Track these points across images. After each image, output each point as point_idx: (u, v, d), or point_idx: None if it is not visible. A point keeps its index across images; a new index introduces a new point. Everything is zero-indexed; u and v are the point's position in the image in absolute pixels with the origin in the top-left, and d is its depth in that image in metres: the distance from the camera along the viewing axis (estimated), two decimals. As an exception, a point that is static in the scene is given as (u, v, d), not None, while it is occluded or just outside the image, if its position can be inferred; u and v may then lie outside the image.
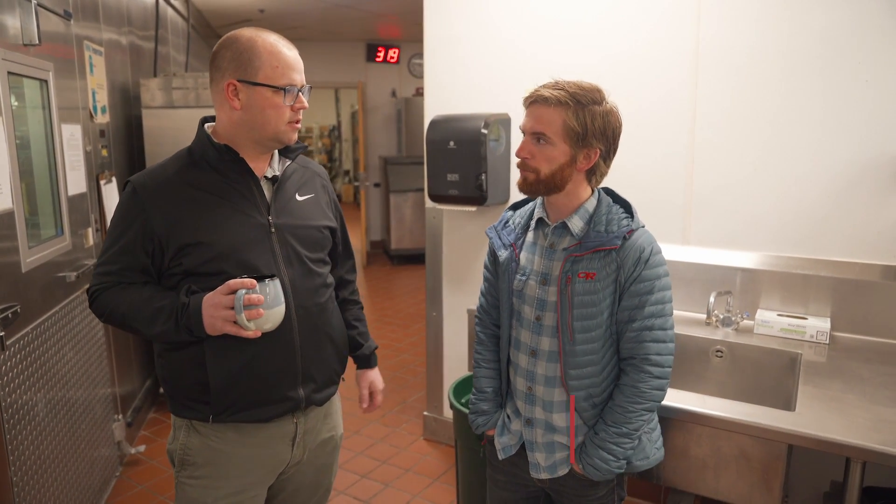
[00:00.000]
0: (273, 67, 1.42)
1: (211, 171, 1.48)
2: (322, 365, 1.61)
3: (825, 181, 2.31)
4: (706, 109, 2.47)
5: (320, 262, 1.62)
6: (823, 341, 2.21)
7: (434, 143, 2.87)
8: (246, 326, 1.37)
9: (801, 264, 2.37)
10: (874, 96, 2.20)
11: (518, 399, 1.65)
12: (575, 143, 1.46)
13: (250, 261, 1.45)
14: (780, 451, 1.69)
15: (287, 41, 1.48)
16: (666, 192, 2.56)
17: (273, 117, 1.44)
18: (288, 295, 1.48)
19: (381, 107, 8.17)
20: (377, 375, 1.87)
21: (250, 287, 1.36)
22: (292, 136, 1.51)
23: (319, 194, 1.65)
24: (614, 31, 2.61)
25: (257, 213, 1.49)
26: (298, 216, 1.56)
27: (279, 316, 1.42)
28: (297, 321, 1.52)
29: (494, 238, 1.65)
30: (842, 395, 1.82)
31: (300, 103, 1.48)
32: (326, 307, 1.62)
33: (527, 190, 1.52)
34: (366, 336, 1.85)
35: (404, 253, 7.72)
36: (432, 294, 3.31)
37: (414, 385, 4.17)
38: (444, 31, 3.01)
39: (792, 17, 2.29)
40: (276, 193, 1.54)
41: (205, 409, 1.49)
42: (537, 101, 1.48)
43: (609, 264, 1.48)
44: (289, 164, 1.59)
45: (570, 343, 1.51)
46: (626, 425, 1.52)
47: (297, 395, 1.55)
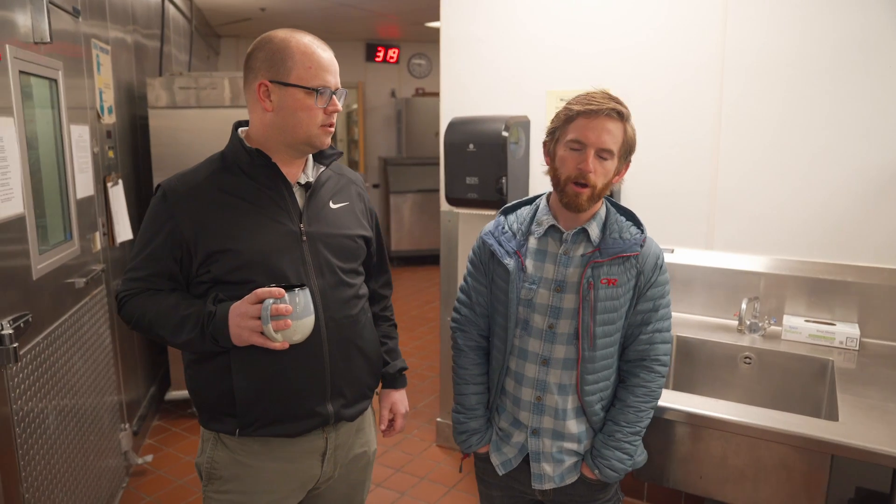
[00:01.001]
0: (306, 68, 1.38)
1: (243, 176, 1.44)
2: (353, 379, 1.55)
3: (852, 186, 2.28)
4: (731, 113, 2.43)
5: (353, 272, 1.56)
6: (854, 348, 2.18)
7: (453, 145, 2.82)
8: (273, 338, 1.32)
9: (828, 269, 2.34)
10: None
11: (522, 410, 1.60)
12: (622, 158, 1.50)
13: (280, 270, 1.41)
14: (824, 461, 1.66)
15: (322, 42, 1.44)
16: (690, 197, 2.53)
17: (305, 120, 1.40)
18: (318, 306, 1.42)
19: (380, 107, 8.12)
20: (402, 397, 1.77)
21: (278, 297, 1.31)
22: (325, 140, 1.45)
23: (354, 202, 1.60)
24: (638, 34, 2.58)
25: (289, 220, 1.45)
26: (331, 224, 1.51)
27: (308, 327, 1.36)
28: (326, 333, 1.46)
29: (496, 246, 1.58)
30: (882, 404, 1.78)
31: (333, 106, 1.42)
32: (358, 319, 1.56)
33: (578, 206, 1.47)
34: (394, 354, 1.76)
35: (405, 254, 7.67)
36: (447, 299, 3.26)
37: (423, 390, 4.11)
38: (460, 31, 2.96)
39: (821, 20, 2.26)
40: (309, 200, 1.49)
41: (231, 422, 1.45)
42: (609, 115, 1.43)
43: (629, 270, 1.51)
44: (323, 170, 1.54)
45: (589, 350, 1.52)
46: (639, 424, 1.56)
47: (326, 411, 1.49)
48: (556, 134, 1.51)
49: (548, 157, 1.56)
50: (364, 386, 1.59)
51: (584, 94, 1.48)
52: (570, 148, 1.46)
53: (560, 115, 1.50)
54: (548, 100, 2.80)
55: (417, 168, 7.53)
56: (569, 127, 1.46)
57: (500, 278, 1.58)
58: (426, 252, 7.64)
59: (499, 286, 1.59)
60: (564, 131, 1.48)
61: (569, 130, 1.46)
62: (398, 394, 1.77)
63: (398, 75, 8.12)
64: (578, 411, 1.57)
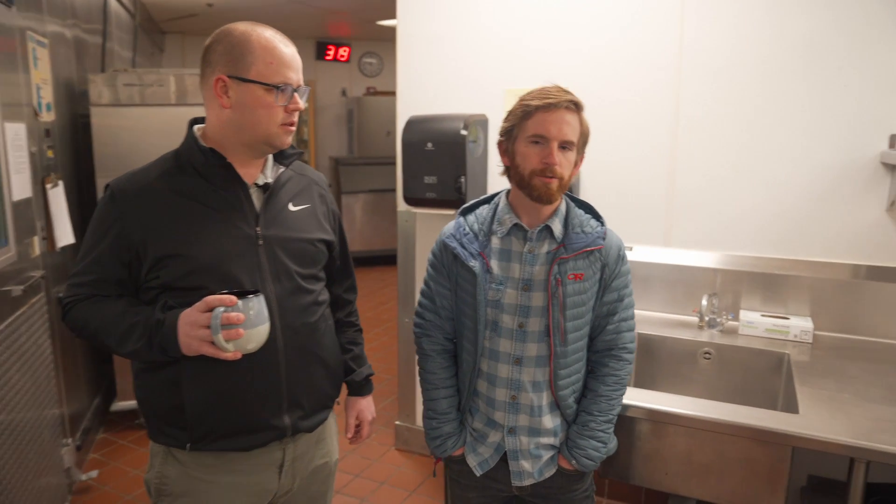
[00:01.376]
0: (267, 64, 1.31)
1: (197, 176, 1.37)
2: (311, 389, 1.49)
3: (805, 183, 2.34)
4: (688, 111, 2.47)
5: (312, 278, 1.50)
6: (807, 340, 2.23)
7: (410, 144, 2.78)
8: (224, 347, 1.25)
9: (781, 265, 2.40)
10: (853, 101, 2.24)
11: (497, 410, 1.59)
12: (580, 149, 1.51)
13: (234, 275, 1.34)
14: (785, 454, 1.69)
15: (285, 37, 1.38)
16: (648, 194, 2.55)
17: (264, 118, 1.33)
18: (274, 313, 1.36)
19: (331, 106, 8.00)
20: (369, 404, 1.74)
21: (230, 304, 1.24)
22: (286, 140, 1.39)
23: (316, 204, 1.54)
24: (596, 33, 2.58)
25: (244, 223, 1.38)
26: (290, 228, 1.45)
27: (263, 336, 1.30)
28: (283, 342, 1.40)
29: (458, 248, 1.55)
30: (838, 395, 1.83)
31: (295, 104, 1.36)
32: (318, 327, 1.50)
33: (549, 196, 1.46)
34: (360, 361, 1.72)
35: (357, 255, 7.53)
36: (404, 300, 3.21)
37: (380, 392, 4.05)
38: (417, 28, 2.92)
39: (774, 21, 2.31)
40: (266, 202, 1.43)
41: (182, 435, 1.38)
42: (568, 107, 1.44)
43: (594, 263, 1.52)
44: (283, 170, 1.48)
45: (561, 345, 1.52)
46: (611, 412, 1.59)
47: (283, 423, 1.43)
48: (513, 132, 1.50)
49: (505, 157, 1.54)
50: (324, 396, 1.54)
51: (538, 90, 1.48)
52: (531, 143, 1.45)
53: (516, 111, 1.49)
54: (506, 98, 2.78)
55: (369, 168, 7.44)
56: (527, 123, 1.45)
57: (465, 281, 1.56)
58: (379, 253, 7.56)
59: (464, 289, 1.56)
60: (523, 127, 1.47)
61: (528, 126, 1.45)
62: (365, 401, 1.73)
63: (349, 74, 8.02)
64: (552, 406, 1.58)
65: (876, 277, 2.29)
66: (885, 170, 2.24)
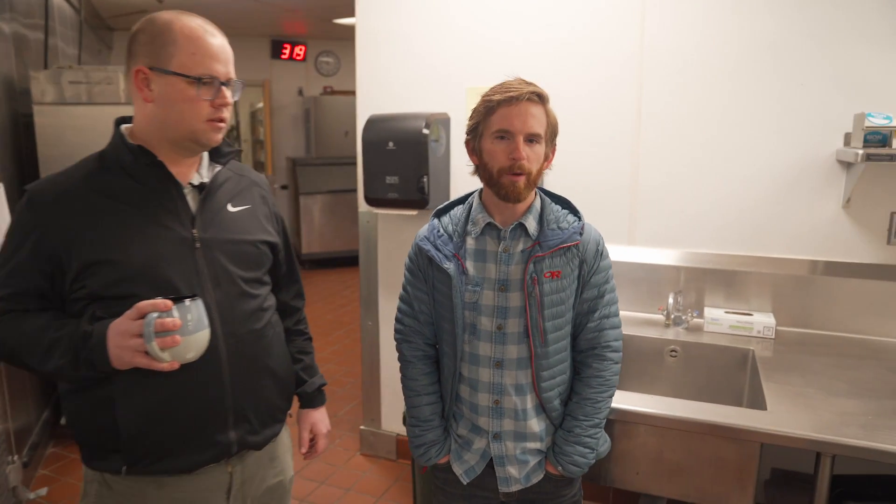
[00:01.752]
0: (190, 55, 1.23)
1: (125, 177, 1.28)
2: (260, 402, 1.40)
3: (765, 181, 2.37)
4: (650, 110, 2.47)
5: (256, 282, 1.41)
6: (770, 336, 2.26)
7: (371, 143, 2.72)
8: (159, 357, 1.16)
9: (743, 262, 2.42)
10: (810, 100, 2.28)
11: (480, 415, 1.54)
12: (549, 141, 1.46)
13: (169, 281, 1.25)
14: (754, 450, 1.69)
15: (213, 27, 1.30)
16: (612, 193, 2.55)
17: (187, 113, 1.25)
18: (215, 321, 1.28)
19: (287, 106, 7.85)
20: (322, 417, 1.66)
21: (164, 309, 1.15)
22: (214, 137, 1.30)
23: (257, 205, 1.46)
24: (558, 31, 2.57)
25: (179, 225, 1.30)
26: (230, 229, 1.37)
27: (203, 343, 1.21)
28: (226, 351, 1.31)
29: (433, 250, 1.50)
30: (804, 390, 1.85)
31: (222, 99, 1.27)
32: (264, 334, 1.42)
33: (517, 195, 1.42)
34: (312, 371, 1.64)
35: (316, 257, 7.46)
36: (367, 303, 3.15)
37: (343, 397, 3.98)
38: (377, 25, 2.86)
39: (734, 21, 2.33)
40: (203, 203, 1.34)
41: (116, 458, 1.28)
42: (531, 99, 1.39)
43: (571, 260, 1.48)
44: (219, 169, 1.39)
45: (542, 346, 1.48)
46: (597, 415, 1.55)
47: (227, 439, 1.34)
48: (478, 129, 1.46)
49: (473, 156, 1.50)
50: (274, 409, 1.46)
51: (500, 84, 1.44)
52: (497, 139, 1.41)
53: (479, 108, 1.45)
54: (468, 96, 2.75)
55: (327, 168, 7.33)
56: (491, 119, 1.42)
57: (441, 284, 1.51)
58: (338, 254, 7.46)
59: (441, 292, 1.52)
60: (487, 124, 1.43)
61: (492, 122, 1.42)
62: (318, 413, 1.65)
63: (305, 73, 7.88)
64: (538, 409, 1.53)
65: (833, 273, 2.33)
66: (841, 167, 2.28)
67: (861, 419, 1.68)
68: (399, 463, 3.18)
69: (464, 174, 2.82)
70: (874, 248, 2.29)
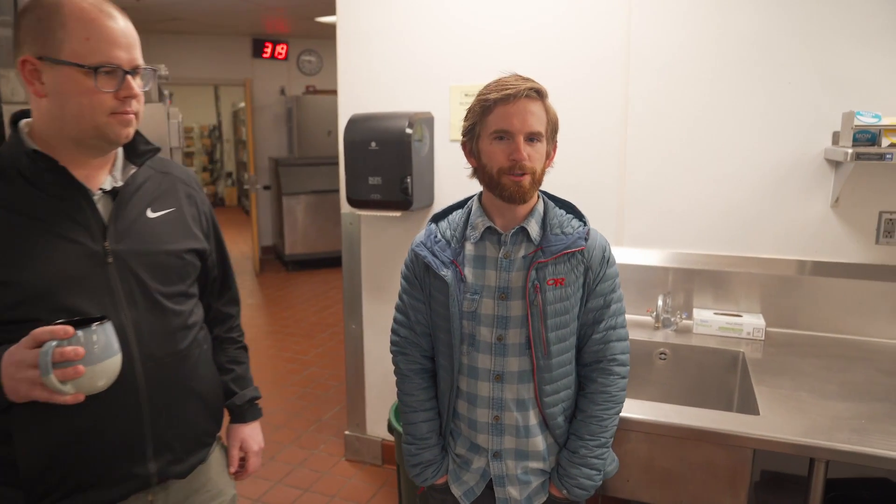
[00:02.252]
0: (83, 40, 1.08)
1: (23, 184, 1.13)
2: (184, 429, 1.29)
3: (753, 180, 2.34)
4: (637, 108, 2.43)
5: (180, 296, 1.28)
6: (760, 338, 2.23)
7: (353, 143, 2.66)
8: (59, 389, 1.01)
9: (732, 262, 2.39)
10: (797, 99, 2.25)
11: (480, 433, 1.47)
12: (550, 138, 1.40)
13: (74, 303, 1.12)
14: (747, 455, 1.66)
15: (113, 7, 1.14)
16: (599, 193, 2.51)
17: (87, 106, 1.11)
18: (131, 344, 1.16)
19: (269, 105, 7.74)
20: (254, 432, 1.51)
21: (64, 336, 1.01)
22: (122, 131, 1.16)
23: (183, 207, 1.32)
24: (543, 28, 2.52)
25: (88, 237, 1.16)
26: (149, 239, 1.23)
27: (112, 371, 1.07)
28: (144, 376, 1.19)
29: (429, 257, 1.43)
30: (795, 394, 1.82)
31: (128, 90, 1.13)
32: (189, 355, 1.29)
33: (521, 195, 1.35)
34: (243, 382, 1.50)
35: (299, 258, 7.37)
36: (350, 305, 3.09)
37: (328, 401, 3.91)
38: (359, 24, 2.80)
39: (720, 19, 2.29)
40: (116, 210, 1.20)
41: (17, 496, 1.15)
42: (529, 96, 1.32)
43: (576, 267, 1.40)
44: (136, 170, 1.25)
45: (544, 358, 1.40)
46: (603, 434, 1.47)
47: (146, 471, 1.23)
48: (475, 129, 1.39)
49: (471, 158, 1.43)
50: (201, 433, 1.35)
51: (495, 82, 1.37)
52: (495, 139, 1.34)
53: (475, 108, 1.38)
54: (451, 95, 2.70)
55: (311, 168, 7.24)
56: (488, 118, 1.35)
57: (438, 292, 1.44)
58: (322, 255, 7.39)
59: (438, 300, 1.44)
60: (484, 124, 1.36)
61: (489, 122, 1.35)
62: (249, 428, 1.50)
63: (287, 72, 7.79)
64: (541, 426, 1.45)
65: (822, 273, 2.30)
66: (830, 166, 2.26)
67: (853, 423, 1.65)
68: (385, 468, 3.12)
69: (448, 174, 2.77)
70: (863, 247, 2.27)
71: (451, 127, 2.72)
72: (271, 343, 5.01)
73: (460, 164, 1.43)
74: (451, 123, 2.72)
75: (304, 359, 4.61)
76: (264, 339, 5.13)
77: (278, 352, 4.79)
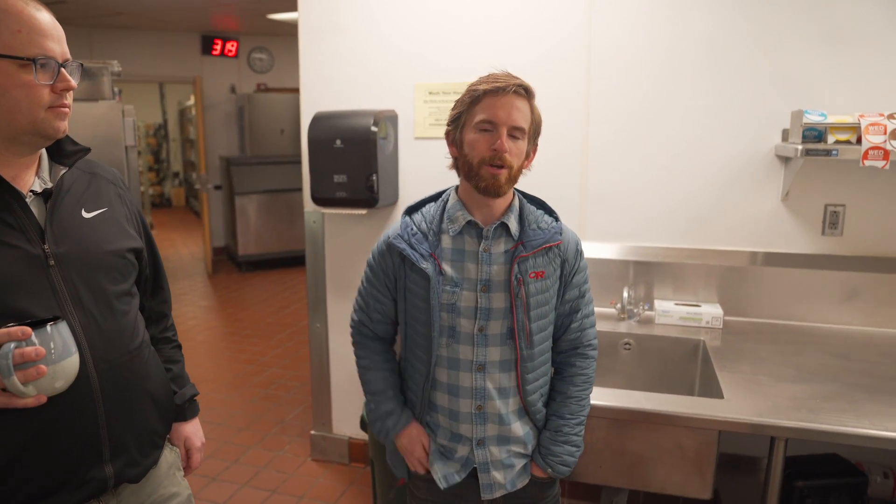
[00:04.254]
0: (14, 32, 1.06)
1: None
2: (140, 431, 1.28)
3: (708, 175, 2.44)
4: (598, 106, 2.50)
5: (125, 295, 1.27)
6: (718, 326, 2.33)
7: (318, 141, 2.65)
8: (21, 392, 1.01)
9: (690, 254, 2.48)
10: (750, 97, 2.36)
11: (462, 423, 1.50)
12: (532, 138, 1.45)
13: (19, 307, 1.09)
14: (712, 438, 1.73)
15: (38, 1, 1.13)
16: (562, 189, 2.57)
17: (24, 100, 1.08)
18: (82, 346, 1.14)
19: (219, 104, 7.58)
20: (195, 429, 1.52)
21: (22, 338, 1.01)
22: (59, 126, 1.14)
23: (116, 207, 1.31)
24: (506, 26, 2.56)
25: (25, 241, 1.13)
26: (88, 240, 1.22)
27: (71, 370, 1.07)
28: (98, 379, 1.18)
29: (407, 249, 1.45)
30: (755, 377, 1.91)
31: (64, 82, 1.12)
32: (140, 354, 1.28)
33: (497, 189, 1.39)
34: (181, 381, 1.50)
35: (253, 259, 7.26)
36: (315, 305, 3.07)
37: (290, 401, 3.88)
38: (321, 20, 2.78)
39: (677, 21, 2.38)
40: (52, 212, 1.18)
41: None
42: (517, 92, 1.38)
43: (553, 260, 1.47)
44: (65, 171, 1.23)
45: (527, 348, 1.46)
46: (582, 413, 1.56)
47: (103, 475, 1.22)
48: (461, 119, 1.43)
49: (452, 147, 1.47)
50: (154, 435, 1.34)
51: (487, 75, 1.43)
52: (480, 129, 1.39)
53: (464, 98, 1.42)
54: (416, 93, 2.72)
55: (263, 167, 7.14)
56: (476, 108, 1.39)
57: (415, 285, 1.46)
58: (276, 255, 7.29)
59: (415, 293, 1.47)
60: (471, 114, 1.40)
61: (476, 112, 1.39)
62: (191, 426, 1.51)
63: (238, 70, 7.64)
64: (521, 412, 1.52)
65: (773, 263, 2.42)
66: (780, 162, 2.37)
67: (809, 403, 1.75)
68: (352, 467, 3.12)
69: (412, 172, 2.79)
70: (811, 238, 2.40)
71: (415, 125, 2.74)
72: (228, 345, 4.93)
73: (425, 162, 1.46)
74: (415, 121, 2.74)
75: (264, 360, 4.55)
76: (221, 340, 5.04)
77: (236, 353, 4.72)
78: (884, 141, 2.04)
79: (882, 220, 2.33)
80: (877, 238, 2.35)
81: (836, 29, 2.26)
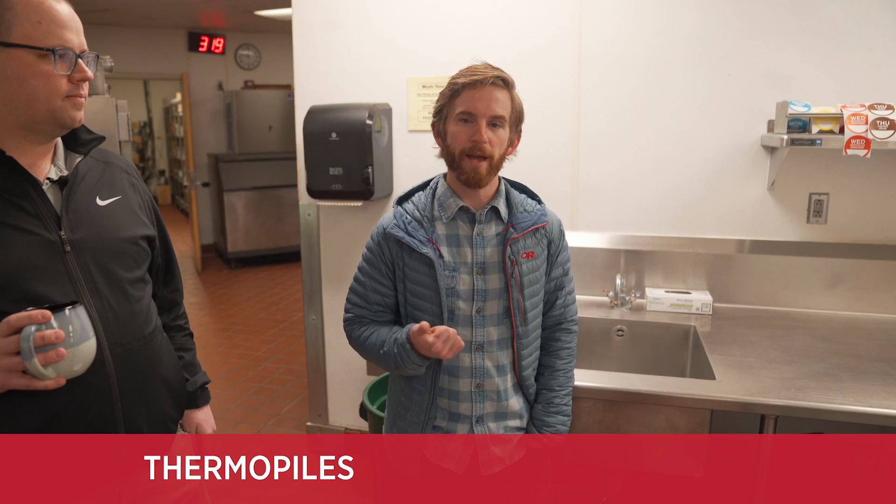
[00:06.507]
0: (35, 23, 1.08)
1: None
2: (154, 416, 1.30)
3: (697, 166, 2.50)
4: (589, 99, 2.56)
5: (139, 282, 1.29)
6: (708, 313, 2.39)
7: (313, 135, 2.68)
8: (41, 375, 1.03)
9: (679, 243, 2.55)
10: (736, 89, 2.42)
11: (462, 402, 1.54)
12: (514, 127, 1.51)
13: (37, 292, 1.11)
14: (705, 417, 1.79)
15: None
16: (555, 180, 2.62)
17: (42, 90, 1.10)
18: (98, 331, 1.15)
19: (207, 101, 7.56)
20: (207, 416, 1.54)
21: (42, 321, 1.02)
22: (75, 115, 1.16)
23: (129, 195, 1.32)
24: (498, 23, 2.61)
25: (42, 227, 1.15)
26: (103, 227, 1.24)
27: (89, 354, 1.09)
28: (113, 363, 1.20)
29: (406, 237, 1.49)
30: (745, 360, 1.97)
31: (81, 73, 1.14)
32: (153, 340, 1.30)
33: (478, 180, 1.45)
34: (193, 369, 1.52)
35: (242, 255, 7.26)
36: (310, 298, 3.10)
37: (285, 395, 3.90)
38: (315, 15, 2.81)
39: (666, 14, 2.44)
40: (67, 200, 1.19)
41: None
42: (495, 83, 1.43)
43: (540, 241, 1.55)
44: (81, 159, 1.25)
45: (522, 325, 1.53)
46: (569, 384, 1.65)
47: None
48: (443, 111, 1.48)
49: (438, 138, 1.53)
50: (168, 420, 1.36)
51: (466, 68, 1.48)
52: (460, 121, 1.44)
53: (445, 91, 1.48)
54: (409, 87, 2.75)
55: (251, 164, 7.15)
56: (456, 101, 1.45)
57: (416, 272, 1.50)
58: (266, 252, 7.30)
59: (417, 280, 1.50)
60: (452, 106, 1.46)
61: (456, 104, 1.45)
62: (203, 413, 1.53)
63: (225, 67, 7.63)
64: (516, 388, 1.58)
65: (760, 250, 2.49)
66: (766, 152, 2.44)
67: (797, 382, 1.81)
68: (348, 457, 3.16)
69: (406, 164, 2.82)
70: (796, 226, 2.47)
71: (409, 118, 2.78)
72: (220, 341, 4.94)
73: (419, 154, 1.50)
74: (408, 114, 2.78)
75: (256, 355, 4.57)
76: (213, 337, 5.05)
77: (229, 349, 4.73)
78: (865, 130, 2.11)
79: (864, 207, 2.41)
80: (859, 225, 2.42)
81: (820, 23, 2.33)
